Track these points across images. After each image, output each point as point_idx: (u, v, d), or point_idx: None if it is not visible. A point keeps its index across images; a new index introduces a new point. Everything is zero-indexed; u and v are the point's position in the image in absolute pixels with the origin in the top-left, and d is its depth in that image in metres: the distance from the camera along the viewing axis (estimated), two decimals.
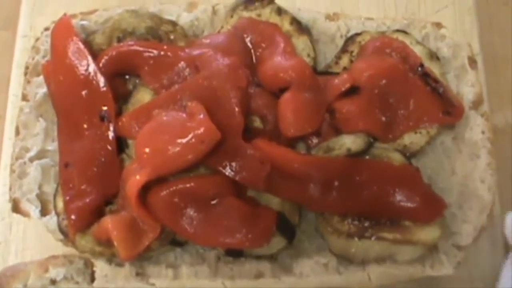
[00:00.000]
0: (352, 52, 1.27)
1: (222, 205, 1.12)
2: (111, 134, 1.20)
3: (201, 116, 1.11)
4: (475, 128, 1.24)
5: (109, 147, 1.20)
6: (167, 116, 1.15)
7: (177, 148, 1.11)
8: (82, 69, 1.21)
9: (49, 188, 1.24)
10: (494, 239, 1.27)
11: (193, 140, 1.10)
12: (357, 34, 1.28)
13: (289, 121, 1.15)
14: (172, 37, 1.27)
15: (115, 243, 1.13)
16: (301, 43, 1.26)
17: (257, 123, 1.20)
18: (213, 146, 1.11)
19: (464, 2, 1.43)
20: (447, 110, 1.22)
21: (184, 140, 1.11)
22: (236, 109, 1.14)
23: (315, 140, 1.20)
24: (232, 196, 1.13)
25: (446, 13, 1.41)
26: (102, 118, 1.20)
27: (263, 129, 1.19)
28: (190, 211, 1.12)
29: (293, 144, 1.21)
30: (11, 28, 1.48)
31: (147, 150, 1.13)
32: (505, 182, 1.34)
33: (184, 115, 1.14)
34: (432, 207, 1.16)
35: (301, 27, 1.27)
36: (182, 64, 1.19)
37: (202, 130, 1.10)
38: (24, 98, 1.27)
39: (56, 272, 1.20)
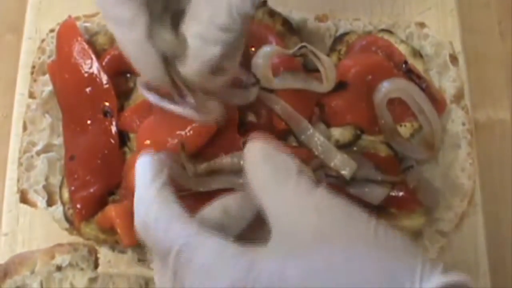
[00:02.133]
0: (340, 50, 1.34)
1: (220, 193, 1.17)
2: (113, 129, 1.27)
3: None
4: (456, 120, 1.31)
5: (112, 141, 1.27)
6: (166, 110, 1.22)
7: (176, 140, 1.19)
8: (86, 68, 1.28)
9: (55, 180, 1.31)
10: (476, 225, 1.34)
11: (191, 132, 1.18)
12: (345, 34, 1.36)
13: None
14: None
15: (118, 231, 1.20)
16: (292, 43, 1.33)
17: (252, 117, 1.26)
18: (209, 139, 1.19)
19: (446, 4, 1.50)
20: None
21: (182, 132, 1.19)
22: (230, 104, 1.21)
23: None
24: None
25: (430, 15, 1.48)
26: (105, 114, 1.28)
27: (257, 122, 1.26)
28: (189, 200, 1.17)
29: (285, 137, 1.27)
30: (17, 32, 1.55)
31: (147, 142, 1.21)
32: (486, 174, 1.41)
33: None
34: (416, 197, 1.23)
35: (292, 28, 1.34)
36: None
37: (197, 123, 1.17)
38: (31, 95, 1.34)
39: (61, 259, 1.26)
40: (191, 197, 1.17)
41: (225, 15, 0.88)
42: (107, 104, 1.28)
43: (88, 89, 1.28)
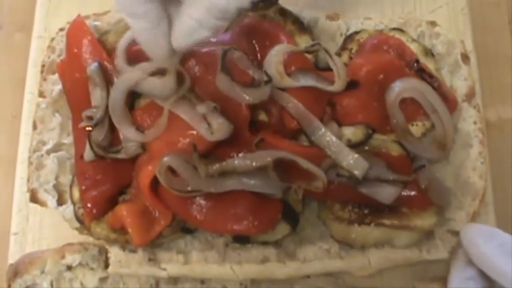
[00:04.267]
0: (351, 49, 1.34)
1: (230, 194, 1.17)
2: None
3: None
4: (468, 119, 1.31)
5: None
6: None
7: (188, 140, 1.19)
8: None
9: (65, 179, 1.30)
10: (488, 224, 1.33)
11: (204, 131, 1.18)
12: (356, 33, 1.35)
13: None
14: None
15: (129, 230, 1.20)
16: (303, 41, 1.33)
17: (263, 116, 1.26)
18: (222, 138, 1.18)
19: (457, 3, 1.49)
20: None
21: (194, 132, 1.19)
22: (243, 103, 1.21)
23: None
24: None
25: (441, 14, 1.48)
26: None
27: (268, 122, 1.26)
28: (200, 200, 1.18)
29: (296, 136, 1.27)
30: (26, 30, 1.54)
31: (159, 141, 1.21)
32: (497, 173, 1.40)
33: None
34: (427, 197, 1.23)
35: (303, 27, 1.34)
36: (192, 61, 1.25)
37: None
38: (41, 94, 1.34)
39: (72, 259, 1.27)
40: (202, 198, 1.18)
41: (223, 6, 1.01)
42: None
43: None
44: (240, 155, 1.19)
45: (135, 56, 1.25)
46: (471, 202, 1.27)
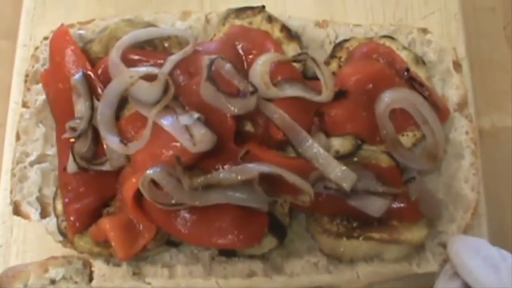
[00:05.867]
0: (340, 57, 1.31)
1: (215, 207, 1.15)
2: None
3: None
4: (460, 129, 1.28)
5: None
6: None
7: (171, 152, 1.16)
8: None
9: (49, 191, 1.28)
10: (480, 236, 1.30)
11: (187, 143, 1.15)
12: (345, 40, 1.32)
13: None
14: (166, 45, 1.31)
15: (113, 244, 1.17)
16: (291, 49, 1.30)
17: (249, 127, 1.23)
18: (205, 149, 1.16)
19: (450, 8, 1.47)
20: None
21: (178, 144, 1.16)
22: (228, 114, 1.18)
23: None
24: None
25: (433, 20, 1.45)
26: None
27: (254, 133, 1.23)
28: (184, 213, 1.16)
29: (284, 147, 1.24)
30: (12, 38, 1.52)
31: (142, 153, 1.18)
32: (491, 183, 1.38)
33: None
34: (418, 209, 1.20)
35: (291, 34, 1.31)
36: (176, 71, 1.23)
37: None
38: (24, 105, 1.32)
39: (55, 272, 1.25)
40: (187, 211, 1.15)
41: None
42: None
43: None
44: (226, 167, 1.17)
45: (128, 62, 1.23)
46: (463, 214, 1.24)
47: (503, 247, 1.11)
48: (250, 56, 1.28)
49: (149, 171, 1.12)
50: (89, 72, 1.25)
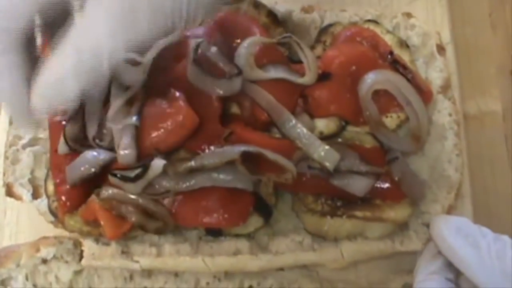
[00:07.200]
0: (325, 41, 1.33)
1: (201, 187, 1.17)
2: None
3: (181, 103, 1.19)
4: (443, 111, 1.30)
5: None
6: (149, 104, 1.21)
7: (159, 132, 1.19)
8: None
9: (41, 173, 1.32)
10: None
11: (174, 125, 1.18)
12: (330, 25, 1.35)
13: None
14: None
15: (102, 223, 1.20)
16: (277, 34, 1.32)
17: (235, 109, 1.26)
18: (193, 130, 1.19)
19: None
20: None
21: (165, 125, 1.19)
22: (214, 95, 1.21)
23: None
24: None
25: (418, 5, 1.46)
26: None
27: (240, 114, 1.26)
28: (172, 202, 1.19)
29: (269, 128, 1.26)
30: None
31: None
32: (476, 166, 1.39)
33: (165, 102, 1.20)
34: (400, 187, 1.22)
35: (277, 20, 1.34)
36: (162, 52, 1.24)
37: (181, 116, 1.17)
38: None
39: (47, 252, 1.28)
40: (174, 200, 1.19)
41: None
42: None
43: None
44: (211, 148, 1.19)
45: None
46: (446, 195, 1.26)
47: (489, 227, 1.13)
48: (237, 40, 1.30)
49: None
50: None
